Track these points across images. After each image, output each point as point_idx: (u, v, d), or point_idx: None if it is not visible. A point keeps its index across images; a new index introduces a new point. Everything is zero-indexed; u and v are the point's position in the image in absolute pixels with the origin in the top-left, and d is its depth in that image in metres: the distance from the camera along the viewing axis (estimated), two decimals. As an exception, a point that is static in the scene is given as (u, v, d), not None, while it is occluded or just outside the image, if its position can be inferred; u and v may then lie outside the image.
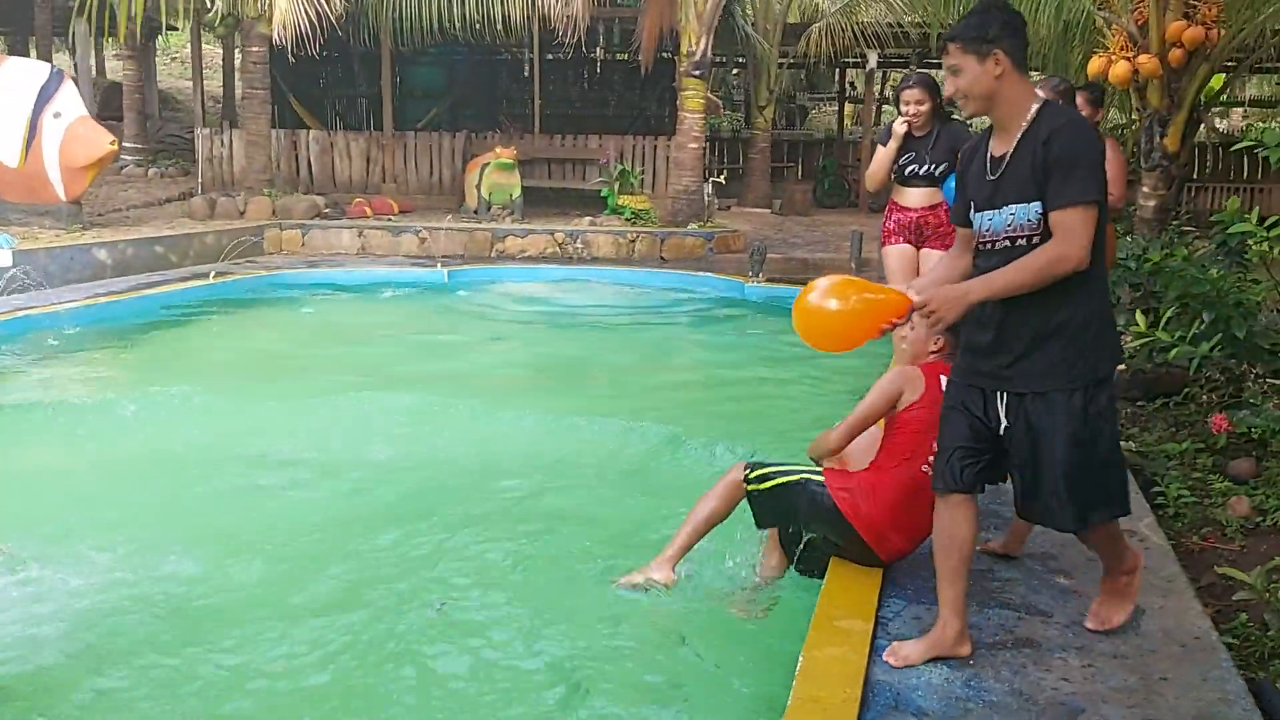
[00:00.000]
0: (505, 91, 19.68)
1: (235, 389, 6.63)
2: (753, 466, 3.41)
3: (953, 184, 4.56)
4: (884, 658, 2.80)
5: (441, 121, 17.78)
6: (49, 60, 16.30)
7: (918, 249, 5.46)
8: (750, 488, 3.36)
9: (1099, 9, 7.67)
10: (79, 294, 8.85)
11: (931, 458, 2.94)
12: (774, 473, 3.35)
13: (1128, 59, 7.39)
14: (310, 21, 7.78)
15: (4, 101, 10.35)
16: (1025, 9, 7.72)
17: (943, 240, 5.20)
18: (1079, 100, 5.11)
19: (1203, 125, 9.53)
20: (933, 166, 5.26)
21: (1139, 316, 5.07)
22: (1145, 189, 7.69)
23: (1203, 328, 4.99)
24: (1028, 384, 2.69)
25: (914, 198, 5.42)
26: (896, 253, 5.51)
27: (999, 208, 2.68)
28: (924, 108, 5.18)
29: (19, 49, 22.61)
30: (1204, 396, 5.58)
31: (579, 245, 12.63)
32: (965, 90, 2.67)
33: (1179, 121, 7.52)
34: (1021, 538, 3.52)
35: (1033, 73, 14.78)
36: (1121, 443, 4.98)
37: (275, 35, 7.57)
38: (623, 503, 4.64)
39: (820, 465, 3.44)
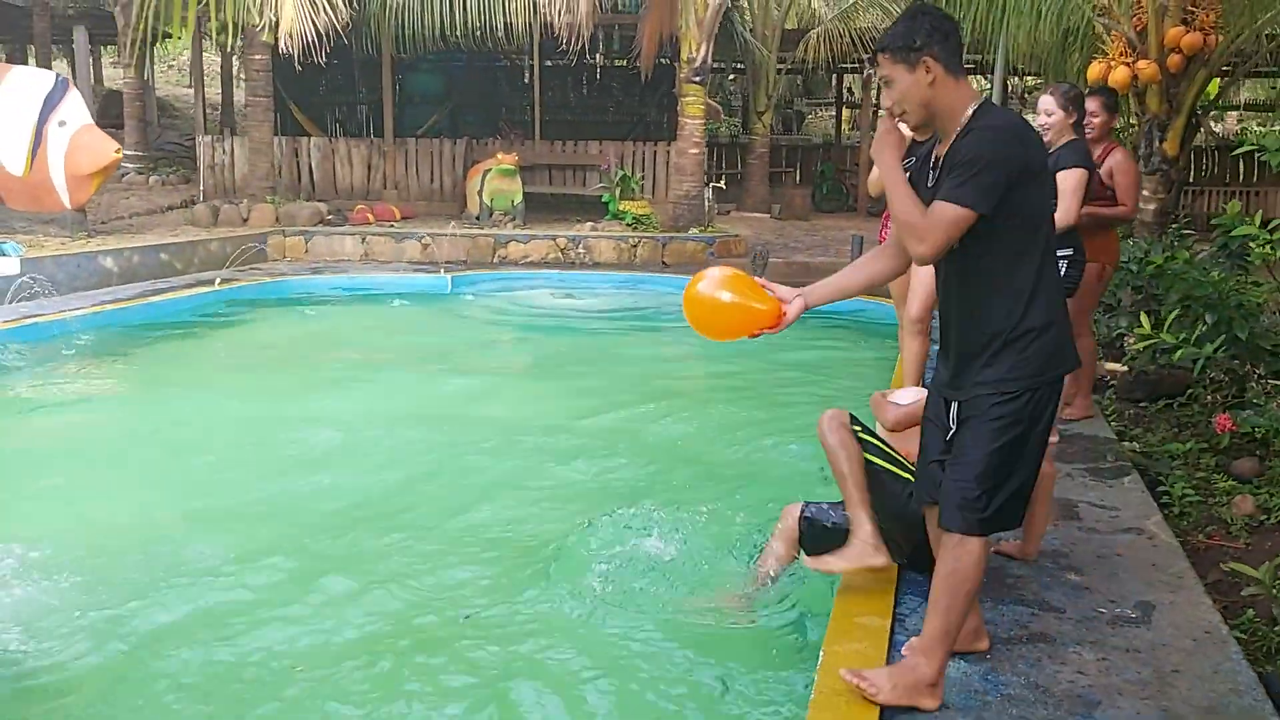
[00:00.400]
0: (505, 98, 19.78)
1: (243, 394, 6.71)
2: (858, 424, 3.32)
3: None
4: (902, 651, 2.86)
5: (442, 128, 17.85)
6: (48, 68, 16.38)
7: None
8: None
9: (1099, 15, 7.75)
10: (86, 301, 8.90)
11: None
12: (874, 447, 3.29)
13: (1127, 64, 7.47)
14: (316, 30, 7.86)
15: (10, 109, 10.42)
16: (1027, 16, 7.81)
17: None
18: (1092, 104, 5.10)
19: (1201, 129, 9.61)
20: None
21: (1144, 319, 5.13)
22: (1145, 192, 7.76)
23: (1205, 329, 5.06)
24: (966, 391, 2.65)
25: None
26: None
27: None
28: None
29: (17, 57, 22.66)
30: (1207, 397, 5.65)
31: (581, 250, 12.70)
32: (900, 102, 2.60)
33: (1178, 126, 7.61)
34: (1035, 539, 3.58)
35: (1031, 78, 14.85)
36: (1125, 443, 5.09)
37: (282, 44, 7.63)
38: (634, 501, 4.69)
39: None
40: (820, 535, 3.42)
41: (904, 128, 4.77)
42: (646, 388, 7.04)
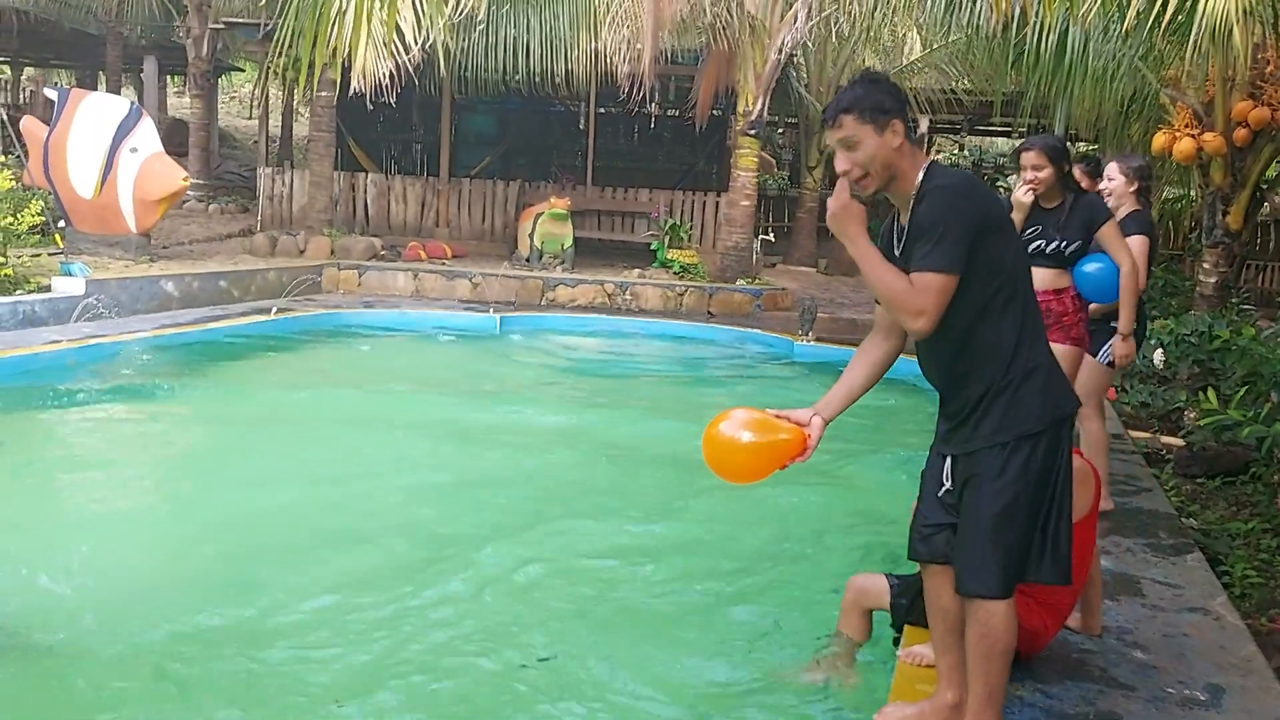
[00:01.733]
0: (558, 142, 20.04)
1: (295, 421, 6.81)
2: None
3: (1086, 267, 4.53)
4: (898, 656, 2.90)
5: (494, 169, 18.11)
6: (118, 95, 16.84)
7: None
8: None
9: (1165, 86, 7.76)
10: (147, 324, 9.08)
11: None
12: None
13: (1192, 136, 7.46)
14: (390, 71, 8.10)
15: (85, 134, 10.73)
16: (1089, 83, 7.82)
17: (1067, 332, 4.56)
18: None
19: (1265, 204, 9.52)
20: (1062, 244, 4.53)
21: (1210, 394, 5.08)
22: (1206, 265, 7.71)
23: (1273, 406, 5.00)
24: (960, 447, 2.64)
25: (1037, 279, 4.95)
26: None
27: None
28: (1043, 173, 4.50)
29: (88, 83, 23.35)
30: (1272, 477, 5.56)
31: (628, 297, 12.77)
32: (866, 164, 2.56)
33: (1242, 199, 7.56)
34: (1095, 612, 3.52)
35: (1083, 144, 14.82)
36: (1183, 520, 5.01)
37: (354, 84, 7.85)
38: (681, 551, 4.69)
39: None
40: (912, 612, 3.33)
41: (1024, 193, 4.52)
42: (691, 439, 7.03)
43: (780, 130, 22.66)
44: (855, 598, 3.48)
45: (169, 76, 25.00)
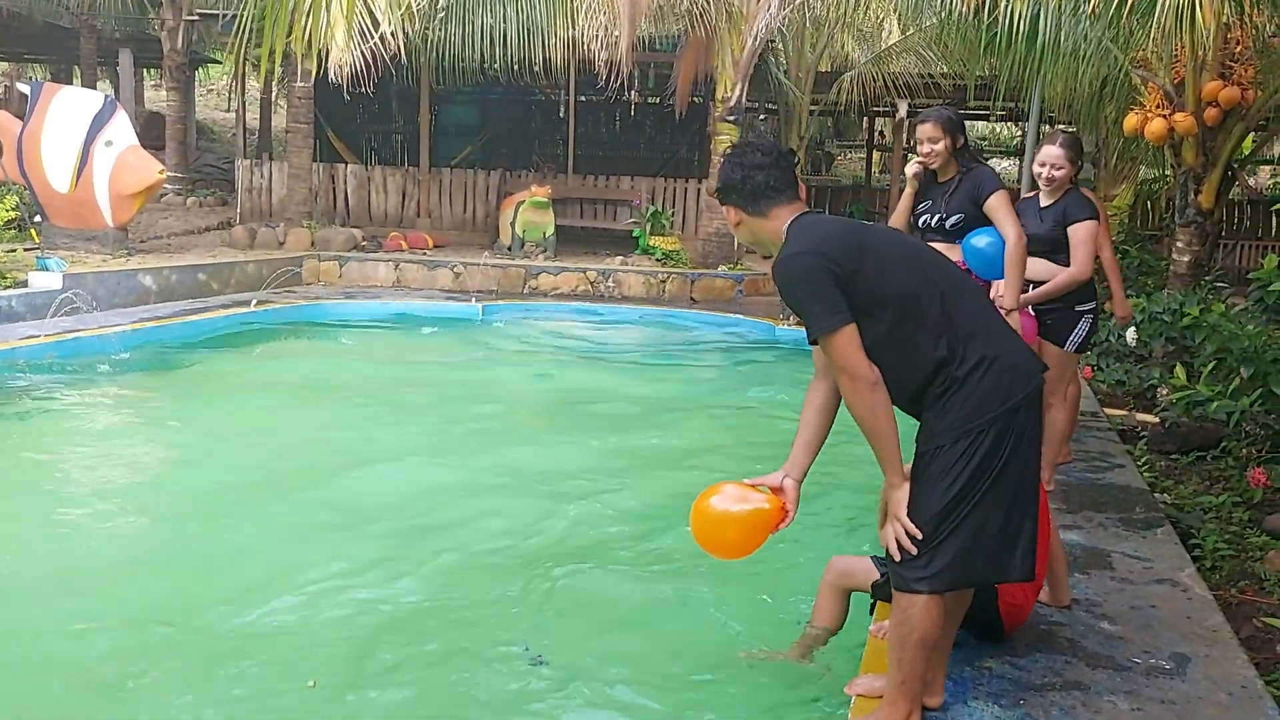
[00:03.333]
0: (539, 131, 20.00)
1: (271, 413, 6.83)
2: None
3: (973, 240, 4.37)
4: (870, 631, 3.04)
5: (476, 159, 18.06)
6: (93, 89, 16.71)
7: None
8: None
9: (1136, 67, 7.80)
10: (126, 318, 9.05)
11: None
12: None
13: (1164, 117, 7.51)
14: (366, 61, 8.04)
15: (59, 128, 10.66)
16: (1062, 65, 7.86)
17: None
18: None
19: (1236, 183, 9.60)
20: (945, 218, 4.47)
21: (1179, 371, 5.13)
22: (1179, 244, 7.77)
23: (1241, 383, 5.05)
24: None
25: None
26: None
27: None
28: (939, 145, 4.44)
29: (63, 77, 23.16)
30: (1241, 451, 5.63)
31: (610, 284, 12.79)
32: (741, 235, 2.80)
33: (1213, 179, 7.62)
34: (1061, 584, 3.57)
35: (1061, 126, 14.88)
36: (1156, 495, 5.08)
37: (331, 74, 7.81)
38: (661, 537, 4.72)
39: None
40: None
41: (913, 166, 4.58)
42: (676, 423, 7.07)
43: (761, 117, 22.65)
44: (835, 579, 3.50)
45: (145, 70, 24.80)
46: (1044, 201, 4.87)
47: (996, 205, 4.33)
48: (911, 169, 4.58)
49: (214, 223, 15.11)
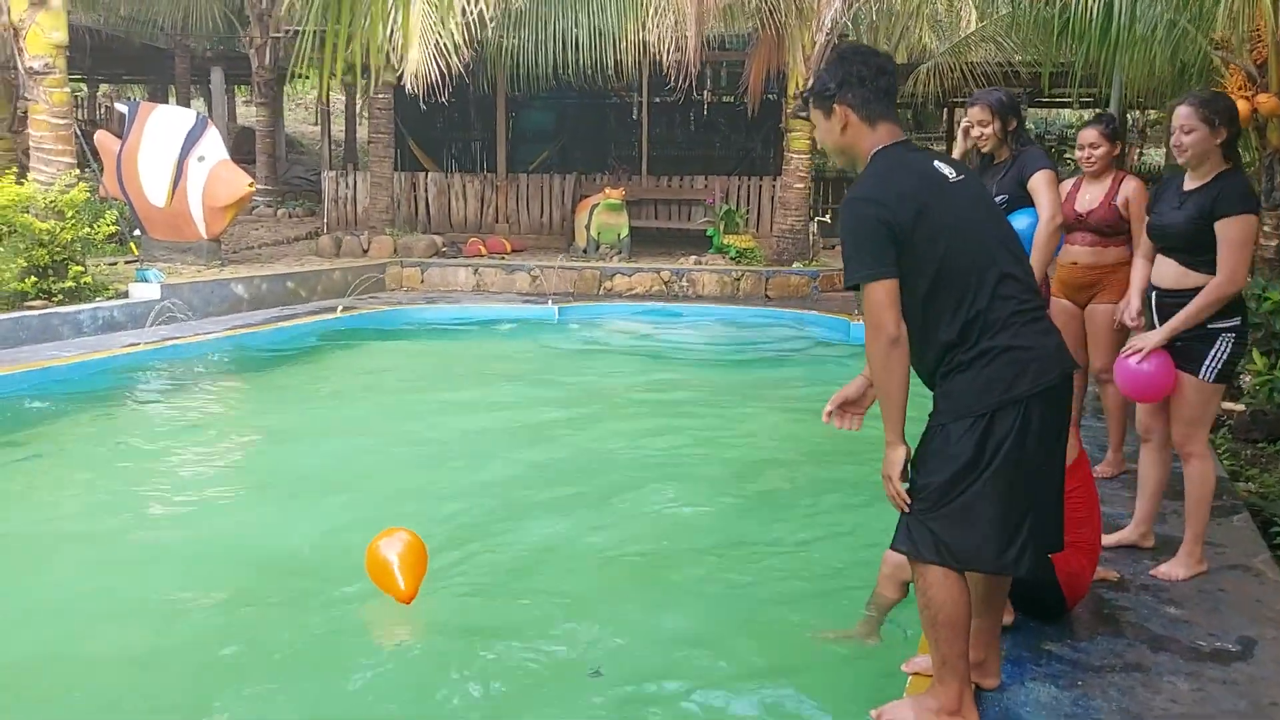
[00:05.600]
0: (613, 134, 20.19)
1: (360, 411, 7.08)
2: None
3: (1020, 221, 4.22)
4: (901, 668, 3.01)
5: (552, 163, 18.32)
6: (187, 106, 17.41)
7: None
8: None
9: (1216, 49, 7.62)
10: (220, 325, 9.45)
11: None
12: None
13: (1246, 98, 7.31)
14: (440, 71, 8.30)
15: (155, 145, 11.17)
16: (1138, 49, 7.72)
17: None
18: (1091, 134, 4.66)
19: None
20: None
21: (1257, 357, 5.03)
22: (1265, 229, 7.55)
23: (1323, 368, 4.93)
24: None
25: None
26: None
27: None
28: (988, 129, 4.39)
29: (159, 95, 24.15)
30: (1327, 438, 5.48)
31: (684, 284, 12.88)
32: (820, 143, 2.75)
33: (1300, 160, 7.40)
34: (1148, 521, 3.74)
35: (1154, 112, 14.43)
36: (1239, 483, 4.98)
37: (408, 84, 8.08)
38: (734, 528, 4.80)
39: None
40: None
41: (959, 149, 4.52)
42: (754, 421, 7.12)
43: (836, 112, 22.51)
44: (892, 571, 3.54)
45: (236, 86, 25.69)
46: (1189, 184, 3.75)
47: (1038, 183, 4.23)
48: (958, 150, 4.51)
49: (302, 233, 15.63)
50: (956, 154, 4.55)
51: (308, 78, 15.23)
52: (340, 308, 10.72)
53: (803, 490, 5.42)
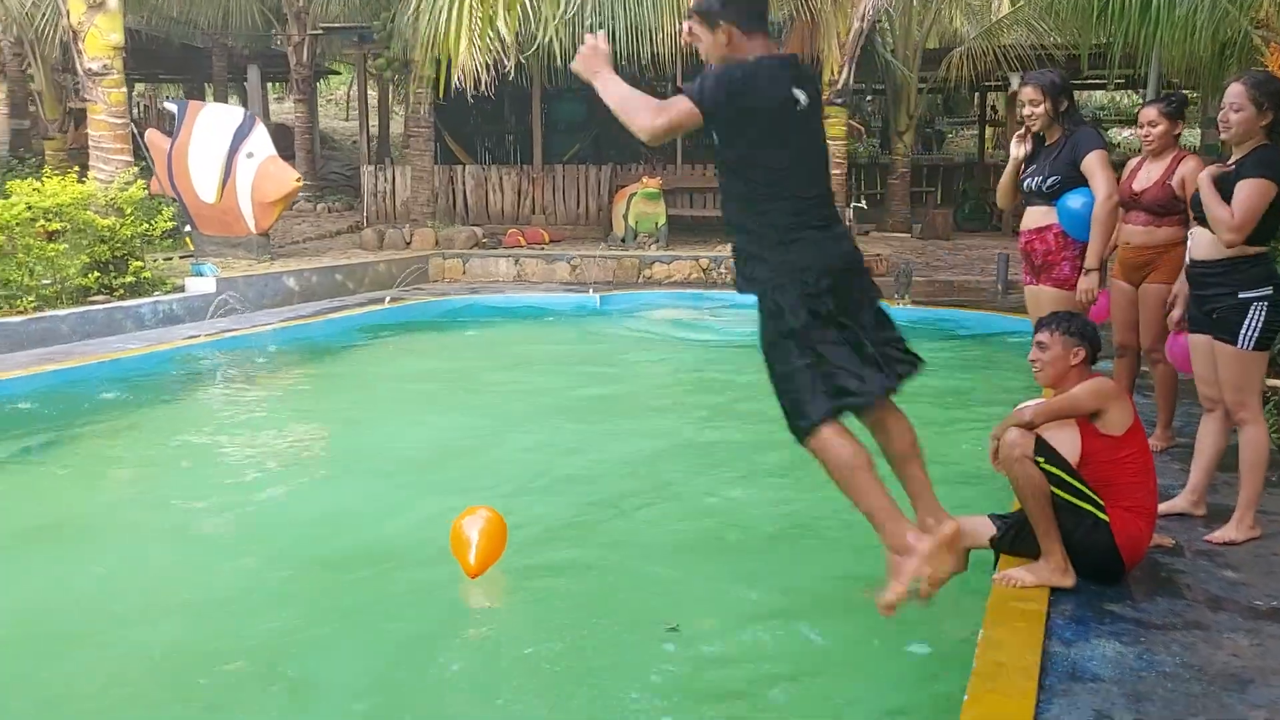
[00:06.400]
0: (646, 123, 20.28)
1: (416, 397, 7.30)
2: (1044, 454, 3.33)
3: (1067, 200, 4.31)
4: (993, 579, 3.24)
5: (585, 154, 18.48)
6: (224, 103, 17.72)
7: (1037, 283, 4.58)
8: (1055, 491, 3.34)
9: (1256, 28, 7.67)
10: (274, 317, 9.72)
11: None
12: (1058, 479, 3.35)
13: (1287, 76, 7.37)
14: (486, 66, 8.50)
15: (204, 143, 11.44)
16: (1180, 30, 7.77)
17: (1051, 274, 4.45)
18: (1151, 113, 4.66)
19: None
20: (1043, 180, 4.39)
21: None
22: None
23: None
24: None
25: (1025, 218, 4.60)
26: (1030, 296, 4.66)
27: None
28: (1039, 109, 4.40)
29: (196, 95, 24.49)
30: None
31: (722, 271, 13.00)
32: (705, 57, 3.01)
33: (1343, 138, 7.43)
34: (1201, 490, 3.91)
35: (1188, 91, 14.44)
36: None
37: (456, 79, 8.31)
38: (798, 511, 4.96)
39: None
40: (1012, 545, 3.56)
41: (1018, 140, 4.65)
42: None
43: (868, 97, 22.52)
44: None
45: (269, 84, 26.02)
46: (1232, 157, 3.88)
47: (1092, 163, 4.27)
48: (1018, 149, 4.56)
49: (343, 226, 15.90)
50: (1017, 153, 4.57)
51: (375, 76, 15.50)
52: (388, 299, 10.96)
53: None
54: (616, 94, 2.86)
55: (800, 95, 2.90)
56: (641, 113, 2.80)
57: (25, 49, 15.48)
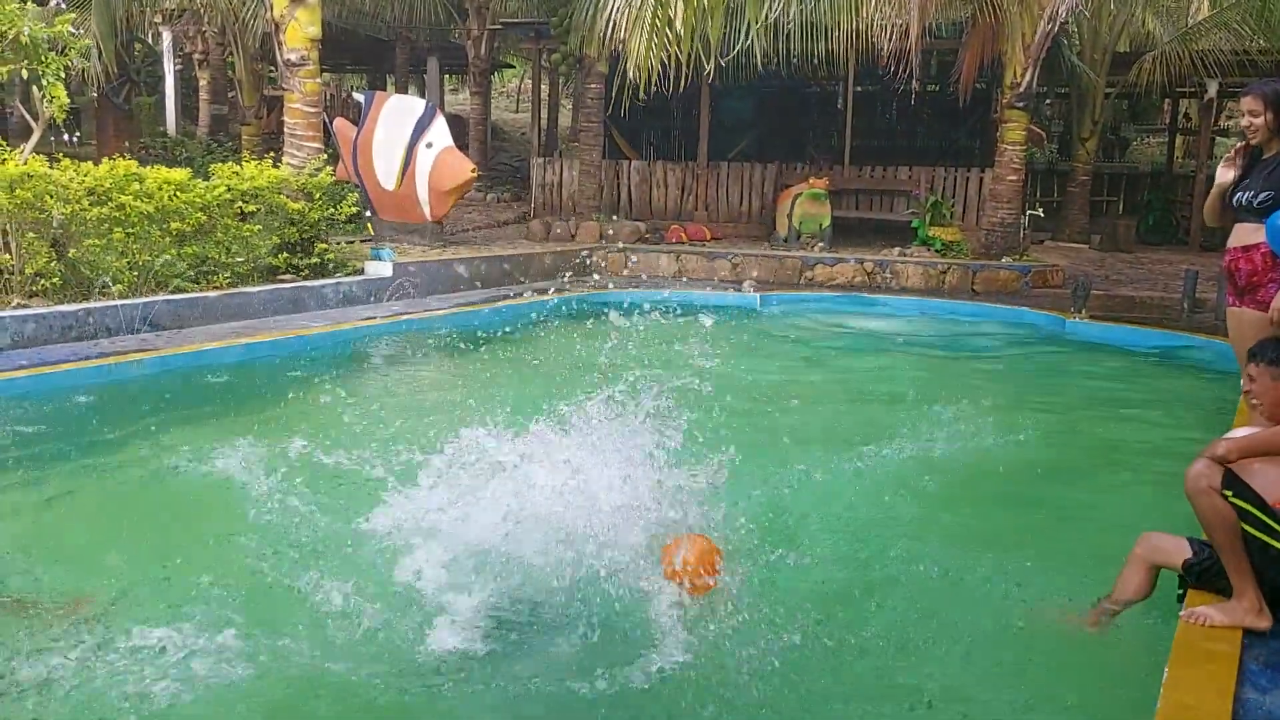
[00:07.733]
0: (812, 123, 20.09)
1: (573, 391, 7.39)
2: (1231, 487, 3.16)
3: (1278, 220, 4.05)
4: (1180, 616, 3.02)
5: (750, 153, 18.42)
6: (403, 94, 18.43)
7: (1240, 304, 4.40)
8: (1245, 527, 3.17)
9: None
10: (446, 303, 10.07)
11: None
12: (1249, 515, 3.17)
13: None
14: (661, 63, 8.58)
15: (388, 133, 11.94)
16: None
17: (1255, 295, 4.24)
18: (1252, 103, 4.36)
19: None
20: (1254, 194, 4.20)
21: None
22: None
23: None
24: None
25: (1233, 234, 4.40)
26: (1232, 319, 4.50)
27: None
28: (1258, 120, 4.24)
29: (378, 85, 25.59)
30: None
31: (888, 275, 12.77)
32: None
33: None
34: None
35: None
36: None
37: (631, 74, 8.41)
38: (962, 524, 4.82)
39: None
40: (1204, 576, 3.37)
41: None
42: (967, 417, 7.06)
43: (1048, 101, 21.65)
44: (1146, 553, 3.50)
45: (445, 75, 26.94)
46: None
47: None
48: (1225, 176, 4.37)
49: (510, 217, 16.34)
50: (1223, 179, 4.36)
51: (512, 66, 15.91)
52: (552, 290, 11.20)
53: (1049, 479, 5.38)
54: None
55: None
56: None
57: (228, 39, 16.51)
